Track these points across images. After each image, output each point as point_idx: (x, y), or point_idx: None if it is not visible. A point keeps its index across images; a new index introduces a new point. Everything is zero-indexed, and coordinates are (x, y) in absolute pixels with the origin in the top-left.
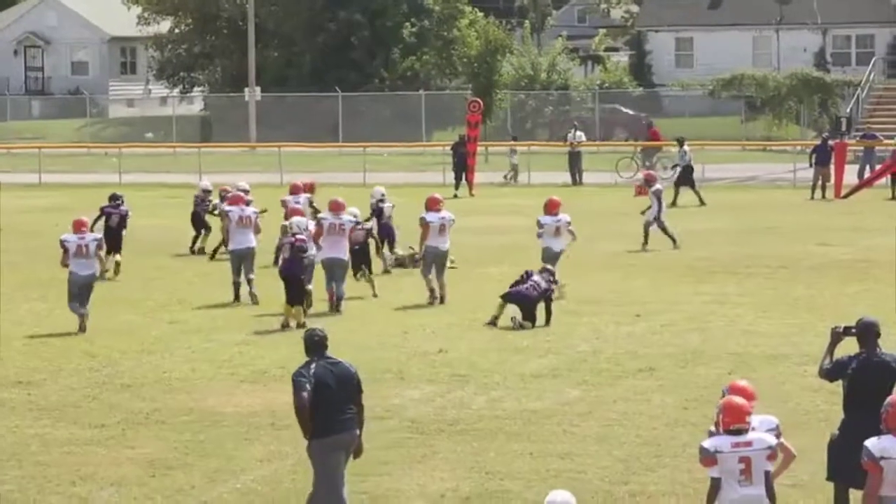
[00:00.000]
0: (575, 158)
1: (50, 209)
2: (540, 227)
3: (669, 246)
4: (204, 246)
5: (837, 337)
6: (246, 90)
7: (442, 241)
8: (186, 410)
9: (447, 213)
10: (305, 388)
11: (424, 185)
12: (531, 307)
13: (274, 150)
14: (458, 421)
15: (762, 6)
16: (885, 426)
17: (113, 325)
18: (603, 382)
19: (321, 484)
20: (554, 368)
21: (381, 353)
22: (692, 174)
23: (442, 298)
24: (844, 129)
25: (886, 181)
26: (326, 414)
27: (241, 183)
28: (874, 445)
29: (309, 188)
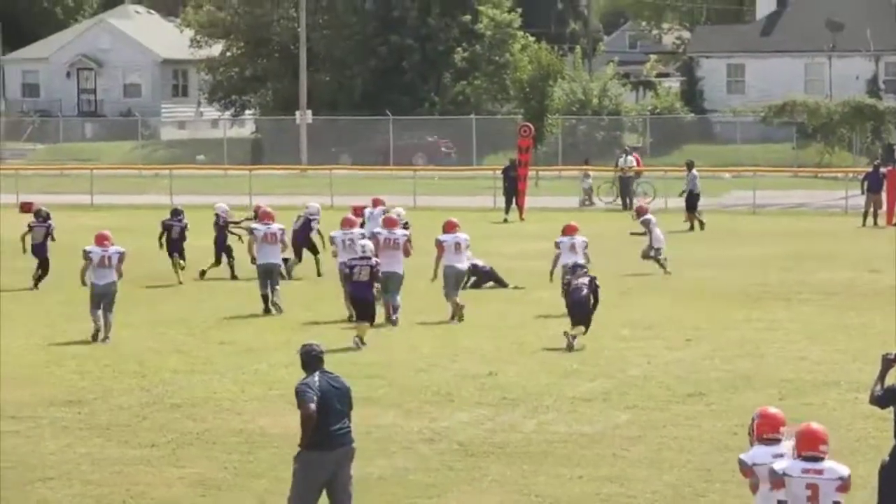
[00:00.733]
0: (626, 183)
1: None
2: (557, 247)
3: (660, 272)
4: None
5: (889, 364)
6: (297, 113)
7: (458, 259)
8: (236, 431)
9: (462, 234)
10: (313, 399)
11: (475, 208)
12: (589, 313)
13: (325, 172)
14: (507, 444)
15: (814, 33)
16: None
17: (163, 344)
18: (653, 407)
19: (295, 497)
20: (604, 392)
21: (430, 375)
22: (697, 200)
23: (460, 315)
24: None
25: None
26: (325, 427)
27: (312, 204)
28: None
29: (378, 203)
